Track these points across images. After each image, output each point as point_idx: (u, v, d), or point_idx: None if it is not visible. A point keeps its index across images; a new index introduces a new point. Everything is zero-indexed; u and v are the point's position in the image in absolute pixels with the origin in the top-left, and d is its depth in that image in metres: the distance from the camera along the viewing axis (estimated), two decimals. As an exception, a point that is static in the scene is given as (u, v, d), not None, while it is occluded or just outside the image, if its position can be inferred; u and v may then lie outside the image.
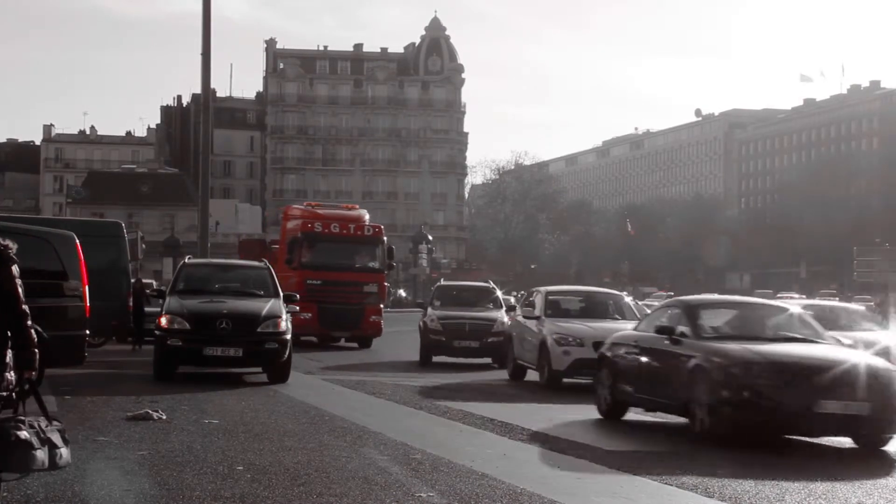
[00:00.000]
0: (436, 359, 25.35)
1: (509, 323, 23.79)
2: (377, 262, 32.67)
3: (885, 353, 14.28)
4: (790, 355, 12.21)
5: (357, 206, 37.12)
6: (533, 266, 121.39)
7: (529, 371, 20.92)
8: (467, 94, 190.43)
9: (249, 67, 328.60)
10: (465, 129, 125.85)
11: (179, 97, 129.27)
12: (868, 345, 14.31)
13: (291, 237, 32.77)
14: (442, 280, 34.12)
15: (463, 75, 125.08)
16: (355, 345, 32.27)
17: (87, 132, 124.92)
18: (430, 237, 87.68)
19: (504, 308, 26.31)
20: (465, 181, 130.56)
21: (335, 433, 12.21)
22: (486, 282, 29.84)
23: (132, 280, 25.94)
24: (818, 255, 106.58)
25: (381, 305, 33.09)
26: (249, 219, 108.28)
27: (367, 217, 34.65)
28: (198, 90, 50.20)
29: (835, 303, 28.07)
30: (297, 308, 25.62)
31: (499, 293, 28.21)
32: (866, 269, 79.54)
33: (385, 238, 33.27)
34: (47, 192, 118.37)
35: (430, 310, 25.98)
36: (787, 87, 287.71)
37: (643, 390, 13.67)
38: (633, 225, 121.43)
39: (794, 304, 17.34)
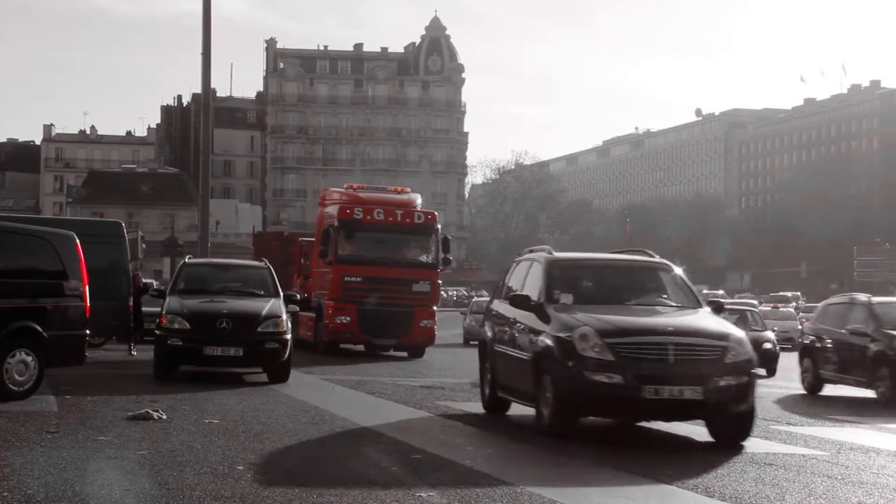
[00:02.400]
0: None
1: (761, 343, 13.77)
2: (430, 255, 27.61)
3: None
4: None
5: (408, 189, 30.88)
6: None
7: None
8: (467, 94, 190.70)
9: (249, 67, 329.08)
10: (465, 129, 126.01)
11: (179, 97, 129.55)
12: None
13: (327, 225, 27.60)
14: (552, 250, 14.62)
15: (463, 75, 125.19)
16: (404, 354, 27.98)
17: (87, 132, 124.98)
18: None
19: (710, 306, 13.39)
20: (466, 181, 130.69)
21: (335, 433, 12.20)
22: (649, 254, 15.07)
23: (135, 279, 25.88)
24: (818, 255, 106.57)
25: (435, 308, 28.02)
26: (249, 219, 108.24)
27: (418, 201, 29.14)
28: (198, 90, 50.33)
29: None
30: (299, 308, 24.25)
31: (679, 271, 14.06)
32: (866, 269, 79.56)
33: (439, 226, 28.10)
34: (47, 191, 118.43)
35: (559, 313, 12.54)
36: (787, 87, 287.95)
37: None
38: (631, 225, 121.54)
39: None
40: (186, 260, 22.00)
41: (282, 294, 19.64)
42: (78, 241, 15.60)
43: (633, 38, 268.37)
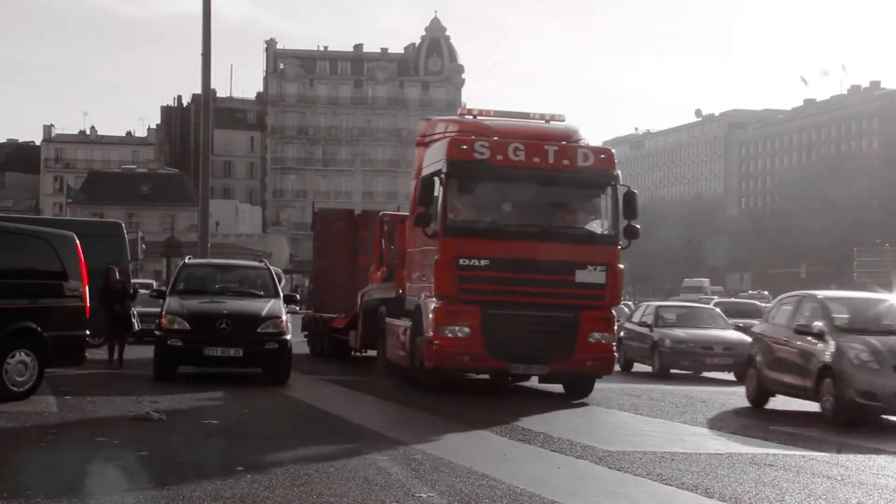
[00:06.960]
0: None
1: None
2: (605, 222, 17.32)
3: None
4: None
5: (561, 116, 18.82)
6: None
7: None
8: (467, 95, 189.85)
9: (249, 67, 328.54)
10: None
11: (179, 97, 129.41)
12: None
13: (429, 173, 17.30)
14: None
15: (463, 75, 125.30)
16: (558, 388, 18.13)
17: (87, 132, 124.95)
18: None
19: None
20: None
21: (335, 433, 12.21)
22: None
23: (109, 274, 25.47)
24: (818, 256, 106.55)
25: (614, 313, 17.73)
26: (249, 219, 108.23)
27: (580, 134, 18.19)
28: (198, 90, 50.27)
29: None
30: (386, 312, 19.71)
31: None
32: (866, 270, 79.51)
33: (619, 173, 17.39)
34: (47, 192, 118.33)
35: None
36: (787, 87, 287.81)
37: None
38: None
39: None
40: (186, 260, 21.96)
41: (282, 294, 19.64)
42: (78, 241, 15.62)
43: (633, 38, 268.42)
